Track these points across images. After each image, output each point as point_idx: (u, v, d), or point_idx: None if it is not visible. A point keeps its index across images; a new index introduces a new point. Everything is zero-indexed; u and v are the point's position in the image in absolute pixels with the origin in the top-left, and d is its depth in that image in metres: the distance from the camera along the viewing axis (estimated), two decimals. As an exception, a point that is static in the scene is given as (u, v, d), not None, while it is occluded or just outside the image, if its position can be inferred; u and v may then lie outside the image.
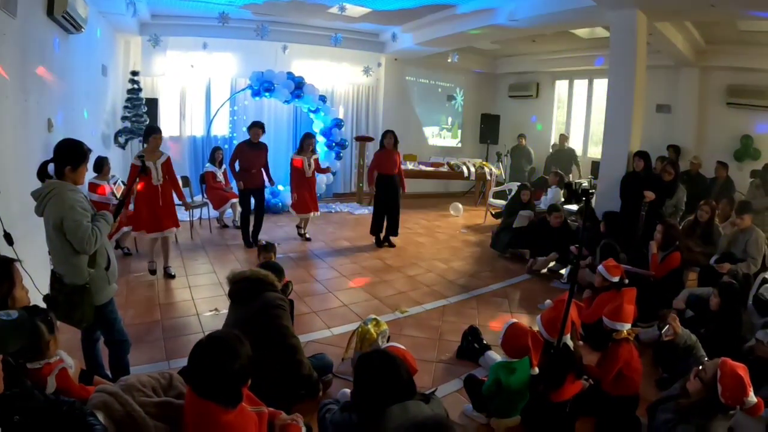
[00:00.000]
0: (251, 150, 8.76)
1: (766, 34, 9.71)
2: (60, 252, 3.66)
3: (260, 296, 3.86)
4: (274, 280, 4.01)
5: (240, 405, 2.50)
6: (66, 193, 3.56)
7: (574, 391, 4.17)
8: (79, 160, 3.70)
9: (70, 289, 3.68)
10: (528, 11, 9.29)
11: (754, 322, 5.35)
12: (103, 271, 3.86)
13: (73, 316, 3.72)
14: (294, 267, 7.98)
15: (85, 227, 3.57)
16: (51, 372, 2.72)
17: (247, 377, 2.49)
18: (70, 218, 3.53)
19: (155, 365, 4.63)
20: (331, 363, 4.59)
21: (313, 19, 11.93)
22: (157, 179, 6.85)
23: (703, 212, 7.30)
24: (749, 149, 11.10)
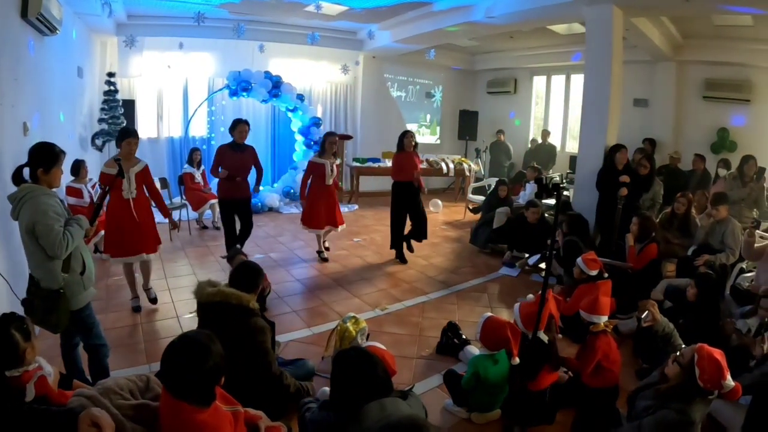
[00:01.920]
0: (236, 153, 7.39)
1: (741, 28, 9.85)
2: (34, 256, 3.65)
3: (238, 321, 3.62)
4: (249, 302, 3.71)
5: (214, 404, 2.49)
6: (39, 198, 3.54)
7: (551, 380, 4.23)
8: (51, 162, 3.67)
9: (45, 293, 3.66)
10: (505, 8, 9.28)
11: (732, 311, 5.44)
12: (78, 275, 3.83)
13: (50, 320, 3.70)
14: (274, 266, 7.94)
15: (56, 232, 3.54)
16: (30, 379, 2.69)
17: (219, 376, 2.48)
18: (42, 223, 3.51)
19: (136, 369, 4.59)
20: (313, 368, 4.57)
21: (290, 18, 11.87)
22: (129, 192, 5.72)
23: (680, 204, 7.42)
24: (726, 142, 11.24)
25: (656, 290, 6.22)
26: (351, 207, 12.77)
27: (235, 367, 2.98)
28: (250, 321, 3.64)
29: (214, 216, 10.14)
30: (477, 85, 17.42)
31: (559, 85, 15.16)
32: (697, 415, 3.06)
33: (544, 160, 13.41)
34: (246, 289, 3.76)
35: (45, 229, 3.51)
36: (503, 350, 4.10)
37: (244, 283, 3.83)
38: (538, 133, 14.83)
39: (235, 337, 3.44)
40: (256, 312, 3.73)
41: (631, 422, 3.32)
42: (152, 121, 11.93)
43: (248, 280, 3.90)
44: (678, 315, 5.07)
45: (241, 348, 3.51)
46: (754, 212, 8.16)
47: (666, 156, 10.96)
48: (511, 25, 10.63)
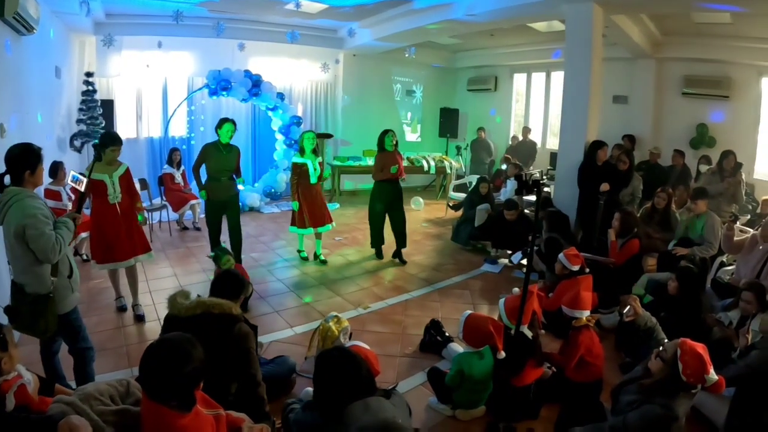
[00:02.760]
0: (221, 152, 7.22)
1: (720, 25, 9.93)
2: (21, 261, 3.58)
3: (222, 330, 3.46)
4: (231, 309, 3.57)
5: (195, 408, 2.46)
6: (26, 201, 3.48)
7: (535, 376, 4.28)
8: (35, 161, 3.62)
9: (33, 298, 3.59)
10: (485, 5, 9.26)
11: (713, 304, 5.51)
12: (65, 279, 3.79)
13: (37, 326, 3.63)
14: (255, 266, 7.90)
15: (48, 236, 3.48)
16: (9, 389, 2.66)
17: (199, 379, 2.45)
18: (32, 227, 3.44)
19: (119, 373, 4.54)
20: (294, 364, 4.56)
21: (270, 16, 11.80)
22: (114, 196, 5.63)
23: (660, 199, 7.51)
24: (705, 137, 11.34)
25: (638, 284, 6.29)
26: (332, 206, 12.72)
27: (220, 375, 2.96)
28: (234, 328, 3.53)
29: (195, 217, 10.05)
30: (458, 82, 17.42)
31: (539, 83, 15.18)
32: (681, 409, 3.08)
33: (524, 156, 13.46)
34: (229, 298, 3.68)
35: (36, 233, 3.45)
36: (487, 346, 4.10)
37: (229, 292, 3.76)
38: (519, 130, 14.84)
39: (220, 346, 3.35)
40: (240, 318, 3.63)
41: (616, 416, 3.34)
42: (131, 121, 11.77)
43: (233, 289, 3.84)
44: (659, 309, 5.10)
45: (226, 356, 3.42)
46: (734, 207, 8.25)
47: (646, 152, 11.02)
48: (492, 23, 10.63)
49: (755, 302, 4.51)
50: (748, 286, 4.76)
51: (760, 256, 5.67)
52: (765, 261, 5.60)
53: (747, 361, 3.93)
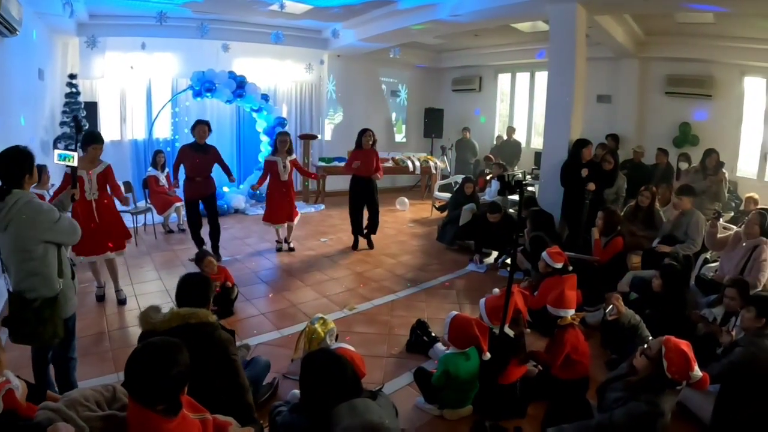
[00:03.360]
0: (197, 154, 7.72)
1: (703, 25, 10.02)
2: (27, 264, 3.52)
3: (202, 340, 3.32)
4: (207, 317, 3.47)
5: (181, 413, 2.45)
6: (32, 199, 3.51)
7: (519, 373, 4.31)
8: (30, 163, 3.63)
9: (40, 303, 3.55)
10: (469, 6, 9.31)
11: (698, 301, 5.55)
12: (70, 280, 3.78)
13: (44, 332, 3.58)
14: (241, 269, 7.85)
15: (64, 217, 3.61)
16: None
17: (185, 383, 2.43)
18: (50, 219, 3.51)
19: (104, 378, 4.48)
20: (267, 362, 4.48)
21: (254, 17, 11.76)
22: (90, 193, 5.86)
23: (644, 198, 7.58)
24: (688, 136, 11.44)
25: (622, 282, 6.33)
26: (317, 207, 12.73)
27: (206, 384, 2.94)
28: (214, 336, 3.45)
29: (180, 219, 9.99)
30: (442, 83, 17.46)
31: (523, 83, 15.26)
32: (667, 405, 3.12)
33: (509, 156, 13.52)
34: (199, 303, 3.55)
35: (54, 219, 3.56)
36: (473, 347, 4.12)
37: (195, 298, 3.61)
38: (504, 129, 14.86)
39: (203, 356, 3.23)
40: (217, 325, 3.54)
41: (602, 414, 3.36)
42: (115, 123, 11.69)
43: (198, 293, 3.66)
44: (644, 306, 5.16)
45: (210, 365, 3.34)
46: (717, 204, 8.32)
47: (630, 150, 11.13)
48: (476, 23, 10.68)
49: (739, 298, 4.53)
50: (732, 282, 4.79)
51: (744, 252, 5.73)
52: (748, 257, 5.66)
53: (731, 358, 3.96)
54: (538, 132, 14.26)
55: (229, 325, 5.62)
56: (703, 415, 4.09)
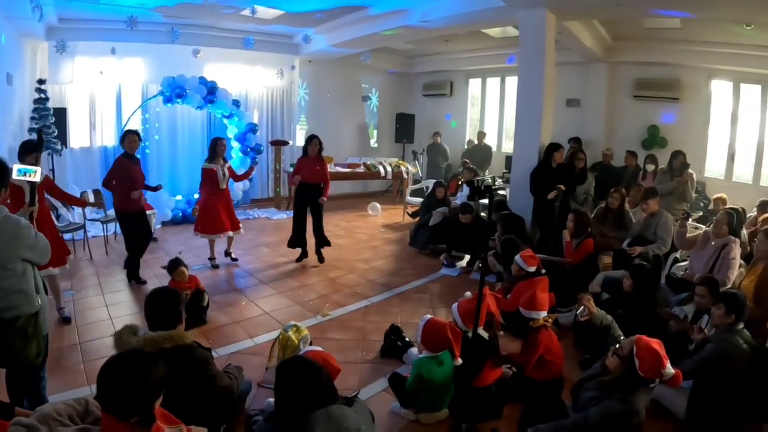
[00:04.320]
0: (133, 165, 7.21)
1: (670, 30, 10.20)
2: (9, 280, 3.36)
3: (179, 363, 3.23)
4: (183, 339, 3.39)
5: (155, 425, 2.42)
6: (8, 215, 3.35)
7: (495, 376, 4.33)
8: (7, 177, 3.54)
9: (23, 321, 3.42)
10: (440, 12, 9.41)
11: (669, 299, 5.66)
12: (45, 296, 3.69)
13: (29, 351, 3.47)
14: (213, 276, 7.81)
15: (40, 235, 3.49)
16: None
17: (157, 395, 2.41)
18: (30, 236, 3.40)
19: (76, 391, 4.37)
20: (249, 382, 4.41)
21: (225, 22, 11.67)
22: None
23: (613, 199, 7.75)
24: (656, 138, 11.68)
25: (594, 283, 6.42)
26: (288, 213, 12.66)
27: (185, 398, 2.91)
28: (191, 357, 3.40)
29: (151, 227, 9.76)
30: (413, 88, 17.54)
31: (494, 87, 15.41)
32: (641, 403, 3.17)
33: (480, 160, 13.61)
34: (171, 323, 3.44)
35: (32, 237, 3.43)
36: (446, 351, 4.13)
37: (167, 318, 3.47)
38: (474, 134, 14.98)
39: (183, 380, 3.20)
40: (193, 345, 3.47)
41: (577, 413, 3.39)
42: (85, 129, 11.47)
43: (169, 312, 3.49)
44: (616, 306, 5.23)
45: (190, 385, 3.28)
46: (684, 205, 8.46)
47: (599, 153, 11.26)
48: (447, 29, 10.75)
49: (709, 296, 4.63)
50: (702, 280, 4.89)
51: (713, 251, 5.85)
52: (717, 256, 5.77)
53: (702, 354, 4.05)
54: (509, 136, 14.36)
55: (202, 334, 5.61)
56: (677, 410, 4.19)
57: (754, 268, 5.35)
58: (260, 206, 13.39)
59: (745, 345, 4.06)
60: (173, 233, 10.07)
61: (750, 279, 5.29)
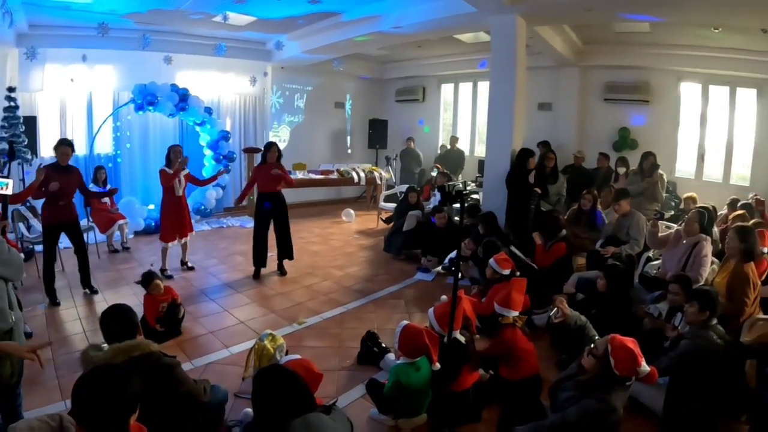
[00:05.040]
0: (60, 175, 6.79)
1: (640, 34, 10.41)
2: None
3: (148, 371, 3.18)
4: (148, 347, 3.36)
5: None
6: None
7: (472, 380, 4.36)
8: None
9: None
10: (412, 18, 9.46)
11: (643, 298, 5.74)
12: (19, 312, 3.59)
13: (2, 371, 3.34)
14: (186, 287, 7.68)
15: (13, 250, 3.41)
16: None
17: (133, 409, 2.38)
18: (3, 250, 3.34)
19: (51, 407, 4.29)
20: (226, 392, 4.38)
21: (197, 29, 11.60)
22: None
23: (586, 201, 7.91)
24: (627, 140, 11.86)
25: (568, 284, 6.50)
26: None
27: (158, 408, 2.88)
28: (160, 364, 3.38)
29: (123, 237, 9.73)
30: (386, 93, 17.59)
31: (466, 92, 15.52)
32: (618, 401, 3.19)
33: (453, 165, 13.71)
34: (127, 334, 3.41)
35: (6, 253, 3.36)
36: (424, 356, 4.12)
37: (126, 332, 3.45)
38: (447, 139, 15.08)
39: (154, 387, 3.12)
40: (158, 353, 3.43)
41: (555, 413, 3.40)
42: (55, 138, 10.96)
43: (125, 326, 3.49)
44: (590, 306, 5.32)
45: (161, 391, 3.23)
46: (655, 205, 8.62)
47: (570, 156, 11.42)
48: (419, 35, 10.80)
49: (682, 293, 4.70)
50: (675, 278, 4.97)
51: (684, 249, 5.94)
52: (689, 254, 5.86)
53: (678, 351, 4.12)
54: (482, 140, 14.37)
55: (178, 345, 5.56)
56: (655, 406, 4.24)
57: (726, 264, 5.44)
58: (233, 215, 13.25)
59: (719, 340, 4.13)
60: (146, 243, 9.94)
61: (722, 275, 5.37)
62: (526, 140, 8.92)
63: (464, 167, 14.22)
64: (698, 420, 4.01)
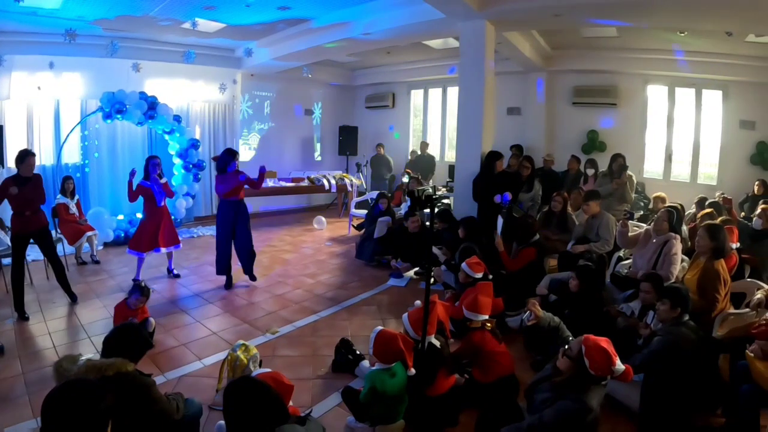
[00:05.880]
0: (22, 186, 6.65)
1: (607, 39, 10.63)
2: None
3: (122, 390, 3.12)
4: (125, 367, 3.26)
5: None
6: None
7: (449, 384, 4.36)
8: None
9: None
10: (382, 24, 9.48)
11: (614, 297, 5.82)
12: None
13: None
14: (157, 299, 7.49)
15: None
16: None
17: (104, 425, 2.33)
18: None
19: (21, 425, 4.19)
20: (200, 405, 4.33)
21: (166, 35, 11.51)
22: None
23: (556, 203, 7.99)
24: (596, 143, 12.11)
25: (541, 285, 6.55)
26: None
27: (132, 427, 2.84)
28: (135, 384, 3.28)
29: (93, 249, 9.51)
30: (356, 100, 17.67)
31: (436, 98, 15.66)
32: (594, 400, 3.22)
33: (424, 170, 13.75)
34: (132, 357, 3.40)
35: None
36: (399, 362, 4.11)
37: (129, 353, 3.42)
38: (417, 144, 15.18)
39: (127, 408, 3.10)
40: (134, 372, 3.35)
41: (532, 415, 3.41)
42: (22, 147, 11.00)
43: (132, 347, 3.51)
44: (564, 306, 5.40)
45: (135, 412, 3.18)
46: (625, 205, 8.77)
47: (540, 159, 11.53)
48: (389, 41, 10.85)
49: (653, 291, 4.80)
50: (646, 277, 5.08)
51: (654, 248, 6.03)
52: (659, 253, 5.95)
53: (651, 348, 4.17)
54: (452, 145, 14.50)
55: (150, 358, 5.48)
56: (631, 403, 4.31)
57: (696, 262, 5.53)
58: (204, 224, 13.13)
59: (692, 336, 4.19)
60: (116, 254, 9.77)
61: (693, 273, 5.45)
62: (496, 144, 8.95)
63: (435, 172, 14.29)
64: (674, 415, 4.06)
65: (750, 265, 6.75)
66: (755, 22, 8.01)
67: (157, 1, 9.03)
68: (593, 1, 7.44)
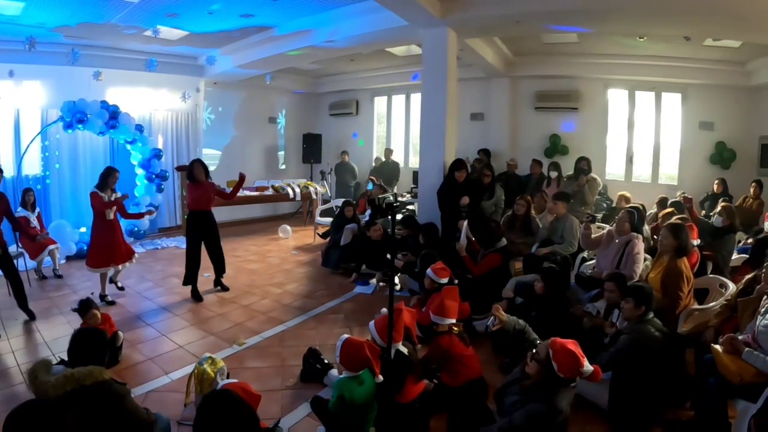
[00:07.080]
0: None
1: (568, 44, 10.85)
2: None
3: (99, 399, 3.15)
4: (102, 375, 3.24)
5: None
6: None
7: (418, 390, 4.36)
8: None
9: None
10: (345, 32, 9.50)
11: (580, 297, 5.92)
12: None
13: None
14: (121, 312, 7.38)
15: None
16: None
17: None
18: None
19: None
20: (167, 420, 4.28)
21: (128, 43, 11.31)
22: None
23: (519, 206, 8.09)
24: (558, 146, 12.35)
25: (507, 288, 6.57)
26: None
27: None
28: (111, 393, 3.26)
29: (55, 263, 9.29)
30: (320, 108, 17.64)
31: (399, 105, 15.74)
32: (564, 402, 3.28)
33: (388, 177, 13.81)
34: (96, 361, 3.40)
35: None
36: (366, 369, 4.11)
37: (92, 356, 3.47)
38: (382, 151, 15.27)
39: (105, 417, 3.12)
40: (110, 381, 3.32)
41: (503, 418, 3.43)
42: None
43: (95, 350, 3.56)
44: (530, 308, 5.46)
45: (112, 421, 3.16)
46: (589, 208, 8.96)
47: (503, 164, 11.72)
48: (351, 48, 10.85)
49: (617, 291, 4.90)
50: (610, 277, 5.20)
51: (617, 248, 6.14)
52: (622, 253, 6.07)
53: (617, 346, 4.26)
54: (416, 152, 14.60)
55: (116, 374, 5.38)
56: (600, 402, 4.38)
57: (659, 261, 5.63)
58: (168, 235, 12.99)
59: (657, 333, 4.29)
60: (78, 268, 9.54)
61: (656, 271, 5.55)
62: (460, 150, 9.05)
63: (399, 179, 14.38)
64: (643, 410, 4.14)
65: (711, 261, 6.98)
66: (713, 27, 8.17)
67: (118, 8, 8.90)
68: (552, 8, 7.53)
